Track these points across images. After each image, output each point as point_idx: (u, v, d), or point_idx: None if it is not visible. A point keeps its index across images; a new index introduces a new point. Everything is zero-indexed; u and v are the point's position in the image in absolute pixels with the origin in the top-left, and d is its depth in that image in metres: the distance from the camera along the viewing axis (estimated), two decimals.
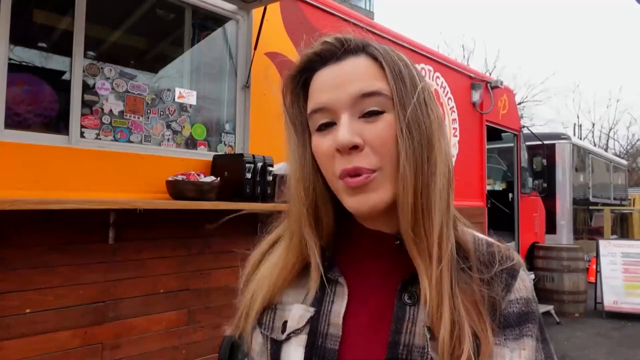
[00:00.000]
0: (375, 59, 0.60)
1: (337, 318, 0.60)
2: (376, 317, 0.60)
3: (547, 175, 7.03)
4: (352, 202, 0.58)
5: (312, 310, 0.62)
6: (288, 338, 0.62)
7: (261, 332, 0.66)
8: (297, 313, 0.63)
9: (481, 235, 0.65)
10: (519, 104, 21.58)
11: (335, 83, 0.59)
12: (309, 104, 0.62)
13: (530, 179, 6.77)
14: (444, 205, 0.57)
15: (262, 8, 2.91)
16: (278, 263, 0.66)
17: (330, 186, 0.61)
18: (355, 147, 0.56)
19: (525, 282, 0.61)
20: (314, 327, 0.61)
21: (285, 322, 0.63)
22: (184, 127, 2.78)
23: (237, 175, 2.57)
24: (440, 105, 4.98)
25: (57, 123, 2.33)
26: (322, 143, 0.60)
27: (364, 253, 0.64)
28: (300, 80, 0.64)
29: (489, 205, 5.51)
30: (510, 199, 6.34)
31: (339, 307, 0.61)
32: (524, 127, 6.56)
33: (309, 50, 0.62)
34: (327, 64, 0.61)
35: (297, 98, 0.65)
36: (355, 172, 0.56)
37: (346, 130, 0.56)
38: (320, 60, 0.61)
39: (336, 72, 0.59)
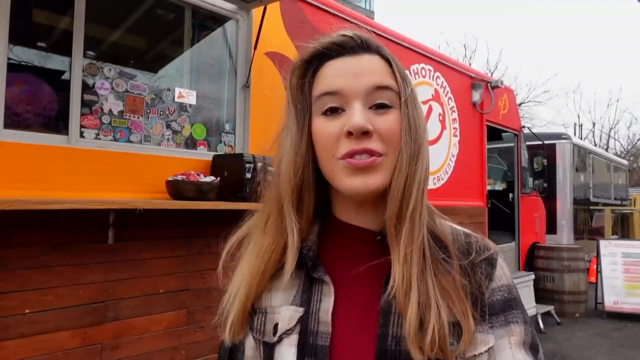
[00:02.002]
0: (386, 60, 0.65)
1: (325, 315, 0.62)
2: (364, 312, 0.62)
3: (547, 175, 7.02)
4: (353, 182, 0.60)
5: (301, 310, 0.64)
6: (280, 339, 0.63)
7: (253, 337, 0.67)
8: (286, 314, 0.64)
9: (458, 227, 0.69)
10: (520, 104, 21.57)
11: (353, 72, 0.63)
12: (319, 87, 0.64)
13: (530, 179, 6.77)
14: (419, 195, 0.61)
15: (262, 8, 2.91)
16: (254, 249, 0.67)
17: (325, 169, 0.64)
18: (366, 133, 0.60)
19: (504, 269, 0.65)
20: (304, 327, 0.62)
21: (276, 325, 0.65)
22: (183, 127, 2.78)
23: (237, 175, 2.57)
24: (440, 104, 4.93)
25: (57, 123, 2.32)
26: (327, 126, 0.62)
27: (347, 250, 0.66)
28: (311, 66, 0.67)
29: (489, 205, 5.51)
30: (510, 199, 6.33)
31: (326, 304, 0.63)
32: (524, 127, 6.56)
33: (326, 39, 0.65)
34: (343, 55, 0.64)
35: (302, 82, 0.67)
36: (364, 152, 0.60)
37: (361, 115, 0.60)
38: (336, 50, 0.65)
39: (355, 63, 0.63)
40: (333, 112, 0.62)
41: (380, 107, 0.62)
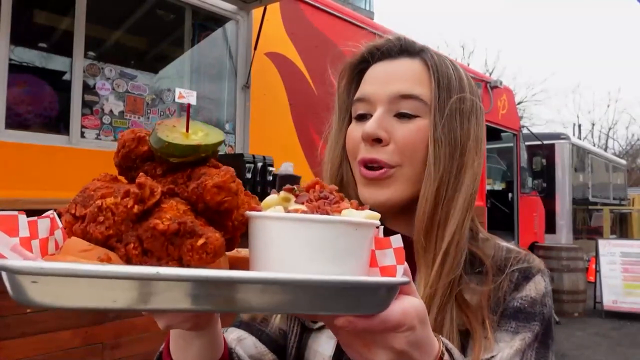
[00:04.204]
0: (427, 65, 0.63)
1: None
2: None
3: (546, 175, 7.03)
4: (365, 193, 0.62)
5: None
6: (320, 328, 0.63)
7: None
8: None
9: (504, 244, 0.67)
10: (519, 104, 21.59)
11: (383, 79, 0.63)
12: (357, 92, 0.66)
13: (529, 179, 6.78)
14: (459, 224, 0.59)
15: (262, 8, 2.92)
16: None
17: (353, 169, 0.66)
18: (379, 141, 0.60)
19: (538, 285, 0.61)
20: None
21: None
22: None
23: (238, 176, 2.57)
24: None
25: (58, 123, 2.33)
26: (354, 130, 0.65)
27: None
28: (356, 69, 0.69)
29: (488, 205, 5.52)
30: (509, 199, 6.34)
31: None
32: (523, 127, 6.57)
33: (370, 43, 0.67)
34: (384, 59, 0.65)
35: (349, 85, 0.69)
36: (372, 162, 0.60)
37: (374, 122, 0.60)
38: (378, 54, 0.65)
39: (388, 68, 0.64)
40: (363, 117, 0.63)
41: (403, 116, 0.61)
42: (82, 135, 2.36)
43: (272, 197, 0.42)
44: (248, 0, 2.88)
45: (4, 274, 0.32)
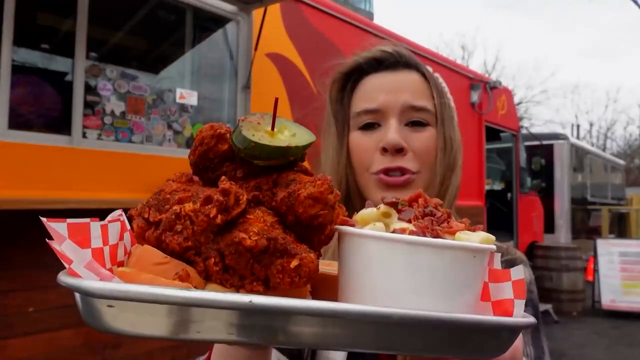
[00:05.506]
0: (425, 77, 0.67)
1: None
2: None
3: (545, 175, 7.06)
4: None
5: None
6: None
7: None
8: None
9: None
10: (518, 104, 21.60)
11: (391, 87, 0.65)
12: (359, 103, 0.67)
13: (529, 179, 6.81)
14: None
15: (262, 9, 2.93)
16: None
17: (358, 181, 0.67)
18: (400, 150, 0.63)
19: (524, 274, 0.64)
20: None
21: None
22: (185, 127, 2.80)
23: None
24: None
25: (60, 124, 2.34)
26: (363, 139, 0.66)
27: None
28: (350, 79, 0.70)
29: (487, 205, 5.54)
30: (509, 199, 6.37)
31: None
32: (522, 127, 6.60)
33: (366, 54, 0.68)
34: (381, 70, 0.67)
35: (341, 95, 0.71)
36: (397, 170, 0.63)
37: (396, 133, 0.63)
38: (375, 65, 0.68)
39: (393, 78, 0.66)
40: (369, 127, 0.66)
41: (416, 125, 0.65)
42: (84, 135, 2.37)
43: (370, 211, 0.37)
44: (248, 1, 2.89)
45: (76, 295, 0.28)
